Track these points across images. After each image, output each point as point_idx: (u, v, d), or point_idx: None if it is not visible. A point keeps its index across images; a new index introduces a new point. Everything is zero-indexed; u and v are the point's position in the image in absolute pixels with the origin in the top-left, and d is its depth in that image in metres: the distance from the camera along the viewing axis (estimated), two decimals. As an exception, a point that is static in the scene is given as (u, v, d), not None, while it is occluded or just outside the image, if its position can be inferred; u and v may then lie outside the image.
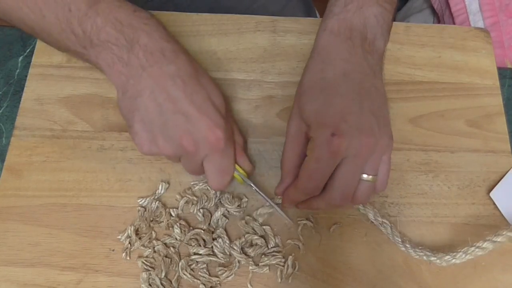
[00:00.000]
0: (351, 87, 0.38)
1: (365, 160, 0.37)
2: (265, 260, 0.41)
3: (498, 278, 0.41)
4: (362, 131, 0.36)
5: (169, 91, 0.36)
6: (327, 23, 0.42)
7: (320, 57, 0.41)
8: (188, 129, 0.36)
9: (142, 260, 0.41)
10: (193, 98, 0.36)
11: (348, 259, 0.41)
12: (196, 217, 0.43)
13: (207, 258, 0.41)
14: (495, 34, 0.64)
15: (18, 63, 0.51)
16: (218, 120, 0.36)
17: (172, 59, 0.36)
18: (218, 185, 0.40)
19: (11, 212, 0.43)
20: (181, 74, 0.36)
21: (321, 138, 0.36)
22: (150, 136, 0.36)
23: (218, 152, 0.37)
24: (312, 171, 0.37)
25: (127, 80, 0.37)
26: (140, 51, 0.36)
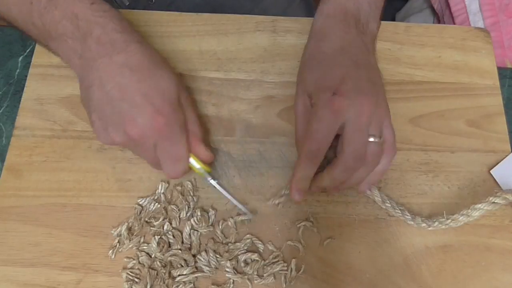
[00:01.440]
0: (347, 58, 0.40)
1: (368, 120, 0.37)
2: (269, 270, 0.40)
3: (498, 278, 0.41)
4: (361, 92, 0.38)
5: (116, 80, 0.36)
6: (323, 8, 0.44)
7: (317, 36, 0.43)
8: (132, 116, 0.36)
9: (127, 272, 0.40)
10: (139, 86, 0.37)
11: (348, 259, 0.41)
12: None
13: (193, 276, 0.40)
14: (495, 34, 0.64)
15: (18, 63, 0.51)
16: (162, 108, 0.37)
17: (122, 49, 0.37)
18: (171, 173, 0.39)
19: (11, 212, 0.43)
20: (129, 64, 0.37)
21: (323, 99, 0.38)
22: (103, 125, 0.37)
23: (165, 140, 0.37)
24: (314, 132, 0.37)
25: (82, 72, 0.38)
26: (93, 43, 0.37)
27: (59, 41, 0.38)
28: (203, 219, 0.42)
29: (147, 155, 0.39)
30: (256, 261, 0.41)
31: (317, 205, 0.43)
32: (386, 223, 0.43)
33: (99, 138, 0.38)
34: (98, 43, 0.37)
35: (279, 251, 0.41)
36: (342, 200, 0.44)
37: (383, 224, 0.43)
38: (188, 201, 0.43)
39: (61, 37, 0.38)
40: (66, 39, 0.38)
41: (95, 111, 0.37)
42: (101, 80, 0.37)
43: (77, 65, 0.38)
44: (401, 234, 0.42)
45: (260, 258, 0.41)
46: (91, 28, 0.37)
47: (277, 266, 0.40)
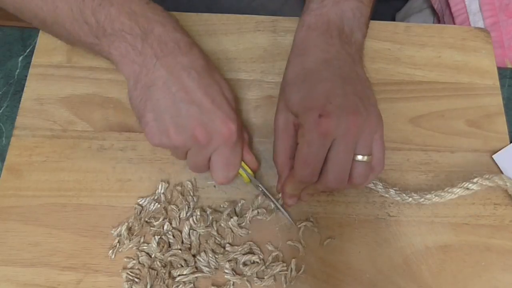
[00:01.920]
0: (332, 73, 0.39)
1: (355, 139, 0.37)
2: (269, 272, 0.40)
3: (498, 278, 0.41)
4: (348, 111, 0.36)
5: (184, 81, 0.36)
6: (304, 19, 0.43)
7: (299, 50, 0.42)
8: (202, 120, 0.36)
9: (127, 272, 0.40)
10: (207, 90, 0.36)
11: (348, 259, 0.41)
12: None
13: (193, 276, 0.40)
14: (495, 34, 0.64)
15: (18, 63, 0.51)
16: (231, 114, 0.37)
17: (186, 51, 0.37)
18: (223, 179, 0.39)
19: (11, 212, 0.43)
20: (195, 66, 0.36)
21: (310, 121, 0.37)
22: (161, 127, 0.36)
23: (228, 146, 0.37)
24: (305, 156, 0.37)
25: (141, 69, 0.37)
26: (155, 41, 0.36)
27: (115, 37, 0.37)
28: (202, 219, 0.42)
29: (199, 159, 0.38)
30: (256, 264, 0.41)
31: (317, 205, 0.43)
32: (386, 223, 0.43)
33: (152, 138, 0.37)
34: (160, 41, 0.36)
35: (278, 251, 0.41)
36: (342, 200, 0.44)
37: (383, 224, 0.43)
38: (188, 201, 0.43)
39: (118, 33, 0.37)
40: (125, 35, 0.36)
41: (153, 111, 0.36)
42: (166, 80, 0.36)
43: (135, 62, 0.37)
44: (401, 234, 0.42)
45: (261, 261, 0.41)
46: (152, 26, 0.36)
47: (277, 267, 0.40)
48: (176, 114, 0.36)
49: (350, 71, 0.40)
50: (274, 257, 0.41)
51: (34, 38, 0.52)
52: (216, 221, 0.42)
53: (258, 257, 0.41)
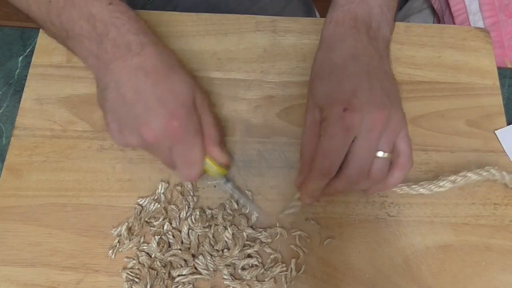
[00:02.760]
0: (359, 68, 0.39)
1: (379, 135, 0.36)
2: (269, 274, 0.40)
3: (498, 278, 0.41)
4: (373, 106, 0.36)
5: (132, 82, 0.37)
6: (332, 15, 0.43)
7: (327, 45, 0.42)
8: (147, 119, 0.36)
9: (127, 272, 0.40)
10: (154, 89, 0.37)
11: (348, 259, 0.41)
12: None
13: (192, 277, 0.40)
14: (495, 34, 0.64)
15: (18, 63, 0.51)
16: (176, 111, 0.37)
17: (137, 52, 0.37)
18: (186, 177, 0.39)
19: (11, 212, 0.43)
20: (145, 66, 0.37)
21: (334, 114, 0.37)
22: (118, 127, 0.37)
23: (180, 144, 0.37)
24: (327, 149, 0.37)
25: (98, 72, 0.38)
26: (109, 45, 0.37)
27: (76, 41, 0.38)
28: (200, 219, 0.42)
29: (162, 158, 0.39)
30: (255, 267, 0.40)
31: (317, 205, 0.43)
32: (386, 223, 0.43)
33: (114, 139, 0.38)
34: (113, 45, 0.37)
35: (277, 253, 0.41)
36: (342, 200, 0.44)
37: (383, 224, 0.43)
38: (188, 201, 0.43)
39: (78, 37, 0.38)
40: (83, 39, 0.38)
41: (110, 113, 0.38)
42: (117, 82, 0.37)
43: (93, 66, 0.38)
44: (401, 234, 0.42)
45: (260, 264, 0.41)
46: (107, 29, 0.37)
47: (276, 269, 0.40)
48: (126, 115, 0.37)
49: (377, 67, 0.40)
50: (273, 259, 0.41)
51: (34, 38, 0.52)
52: (215, 224, 0.42)
53: (257, 260, 0.41)
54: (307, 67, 0.49)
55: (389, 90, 0.39)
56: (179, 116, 0.37)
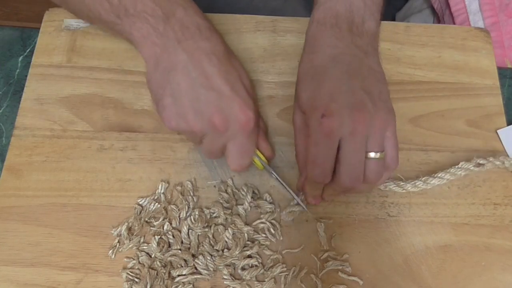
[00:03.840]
0: (339, 69, 0.38)
1: (363, 136, 0.36)
2: (269, 274, 0.40)
3: (498, 278, 0.41)
4: (353, 108, 0.36)
5: (204, 66, 0.36)
6: (314, 14, 0.43)
7: (309, 47, 0.42)
8: (221, 106, 0.36)
9: (127, 272, 0.40)
10: (227, 76, 0.36)
11: (348, 259, 0.41)
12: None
13: (192, 277, 0.40)
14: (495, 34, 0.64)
15: (18, 63, 0.51)
16: (249, 102, 0.37)
17: (208, 36, 0.37)
18: (238, 166, 0.39)
19: (11, 212, 0.43)
20: (216, 52, 0.36)
21: (314, 121, 0.36)
22: (180, 111, 0.36)
23: (245, 134, 0.37)
24: (313, 157, 0.37)
25: (162, 52, 0.37)
26: (177, 24, 0.36)
27: (136, 18, 0.37)
28: (200, 219, 0.42)
29: (215, 145, 0.38)
30: (255, 267, 0.40)
31: (317, 205, 0.43)
32: (386, 223, 0.43)
33: (169, 122, 0.37)
34: (182, 25, 0.36)
35: (278, 254, 0.41)
36: (342, 200, 0.44)
37: (383, 224, 0.43)
38: (188, 201, 0.43)
39: (140, 14, 0.36)
40: (147, 16, 0.36)
41: (172, 95, 0.36)
42: (186, 64, 0.36)
43: (156, 44, 0.37)
44: (401, 234, 0.42)
45: (259, 264, 0.41)
46: (174, 9, 0.36)
47: (276, 269, 0.40)
48: (195, 99, 0.36)
49: (360, 66, 0.39)
50: (273, 260, 0.41)
51: (34, 38, 0.52)
52: (215, 224, 0.42)
53: (256, 260, 0.41)
54: (307, 67, 0.49)
55: (371, 87, 0.38)
56: (251, 107, 0.37)
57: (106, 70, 0.49)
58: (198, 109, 0.36)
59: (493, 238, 0.42)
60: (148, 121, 0.46)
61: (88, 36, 0.50)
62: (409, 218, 0.43)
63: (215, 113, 0.35)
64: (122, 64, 0.49)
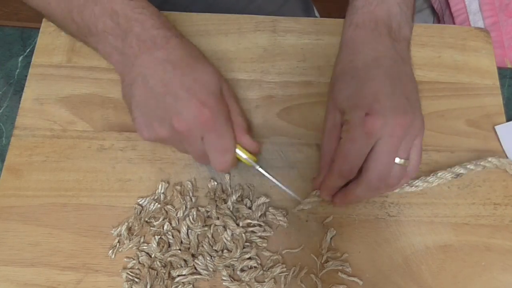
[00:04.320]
0: (382, 72, 0.39)
1: (399, 141, 0.37)
2: (269, 275, 0.40)
3: (498, 278, 0.41)
4: (396, 112, 0.36)
5: (159, 75, 0.37)
6: (351, 18, 0.43)
7: (348, 49, 0.42)
8: (178, 109, 0.36)
9: (127, 272, 0.40)
10: (182, 80, 0.37)
11: (348, 259, 0.41)
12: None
13: (192, 277, 0.40)
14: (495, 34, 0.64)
15: (18, 63, 0.51)
16: (207, 100, 0.37)
17: (162, 45, 0.37)
18: (220, 166, 0.39)
19: (11, 212, 0.43)
20: (171, 59, 0.37)
21: (356, 118, 0.37)
22: (146, 121, 0.37)
23: (212, 132, 0.37)
24: (347, 152, 0.37)
25: (123, 68, 0.38)
26: (134, 40, 0.37)
27: (99, 37, 0.38)
28: (199, 218, 0.42)
29: (193, 149, 0.39)
30: (254, 268, 0.40)
31: (317, 205, 0.43)
32: (386, 223, 0.43)
33: (142, 133, 0.38)
34: (138, 39, 0.37)
35: (277, 255, 0.41)
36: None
37: (383, 224, 0.43)
38: (185, 201, 0.43)
39: (101, 34, 0.38)
40: (107, 36, 0.38)
41: (137, 107, 0.37)
42: (144, 76, 0.37)
43: (118, 61, 0.38)
44: (401, 234, 0.42)
45: (258, 265, 0.41)
46: (131, 25, 0.37)
47: (276, 269, 0.40)
48: (156, 108, 0.37)
49: (399, 71, 0.39)
50: (273, 260, 0.41)
51: (34, 38, 0.52)
52: (215, 225, 0.42)
53: (255, 262, 0.40)
54: (307, 67, 0.49)
55: (410, 94, 0.39)
56: (209, 105, 0.37)
57: (106, 70, 0.49)
58: (160, 116, 0.37)
59: (493, 238, 0.42)
60: (148, 121, 0.46)
61: (88, 36, 0.50)
62: (409, 218, 0.43)
63: (173, 116, 0.36)
64: (122, 64, 0.49)
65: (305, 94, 0.48)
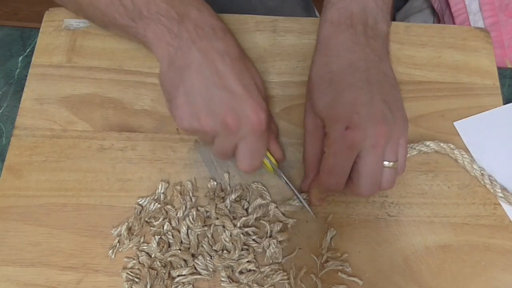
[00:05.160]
0: (358, 77, 0.38)
1: (383, 149, 0.36)
2: (269, 281, 0.40)
3: (498, 278, 0.41)
4: (375, 121, 0.36)
5: (218, 66, 0.36)
6: (326, 14, 0.42)
7: (324, 50, 0.41)
8: (234, 106, 0.35)
9: (127, 272, 0.40)
10: (240, 77, 0.36)
11: (348, 259, 0.41)
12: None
13: (192, 277, 0.40)
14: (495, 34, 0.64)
15: (18, 63, 0.51)
16: (262, 103, 0.37)
17: (221, 36, 0.37)
18: (247, 167, 0.39)
19: (11, 212, 0.43)
20: (230, 52, 0.37)
21: (336, 132, 0.37)
22: (192, 110, 0.36)
23: (257, 135, 0.37)
24: (331, 167, 0.37)
25: (176, 52, 0.37)
26: (191, 25, 0.36)
27: (151, 20, 0.37)
28: (199, 218, 0.42)
29: (226, 145, 0.38)
30: (253, 272, 0.40)
31: (317, 205, 0.43)
32: (386, 223, 0.43)
33: (181, 121, 0.37)
34: (196, 25, 0.36)
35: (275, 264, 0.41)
36: (342, 200, 0.44)
37: (383, 224, 0.43)
38: (185, 201, 0.43)
39: (153, 16, 0.37)
40: (161, 18, 0.37)
41: (185, 94, 0.36)
42: (200, 64, 0.36)
43: (170, 44, 0.37)
44: (401, 234, 0.42)
45: (257, 269, 0.40)
46: (188, 10, 0.37)
47: (277, 276, 0.40)
48: (208, 99, 0.36)
49: (377, 73, 0.39)
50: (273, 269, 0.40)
51: (34, 38, 0.52)
52: (215, 225, 0.42)
53: (254, 265, 0.40)
54: (307, 67, 0.49)
55: (389, 97, 0.38)
56: (264, 108, 0.36)
57: (106, 70, 0.49)
58: (211, 109, 0.36)
59: (493, 238, 0.42)
60: (148, 121, 0.46)
61: (88, 36, 0.50)
62: (409, 218, 0.43)
63: (227, 113, 0.35)
64: (122, 64, 0.49)
65: (305, 94, 0.48)
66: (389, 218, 0.43)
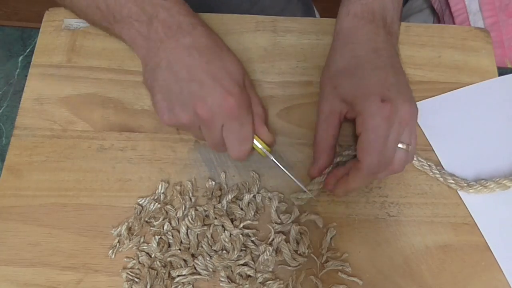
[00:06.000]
0: (384, 62, 0.40)
1: (405, 127, 0.37)
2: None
3: (498, 278, 0.41)
4: (404, 99, 0.37)
5: (185, 60, 0.37)
6: (349, 7, 0.44)
7: (346, 38, 0.43)
8: (202, 96, 0.36)
9: (127, 272, 0.40)
10: (208, 67, 0.37)
11: (348, 259, 0.41)
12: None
13: (191, 277, 0.40)
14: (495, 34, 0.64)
15: (18, 63, 0.51)
16: (232, 88, 0.37)
17: (189, 32, 0.38)
18: (237, 154, 0.39)
19: (11, 212, 0.43)
20: (197, 45, 0.38)
21: (372, 107, 0.37)
22: (168, 105, 0.38)
23: (234, 120, 0.38)
24: (372, 143, 0.37)
25: (147, 53, 0.39)
26: (159, 25, 0.38)
27: (124, 23, 0.39)
28: (198, 218, 0.42)
29: (211, 136, 0.39)
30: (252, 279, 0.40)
31: (317, 205, 0.43)
32: (386, 223, 0.43)
33: (162, 117, 0.38)
34: (164, 25, 0.38)
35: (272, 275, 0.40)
36: (342, 200, 0.44)
37: (383, 224, 0.43)
38: (185, 201, 0.43)
39: (126, 20, 0.39)
40: (132, 21, 0.38)
41: (160, 92, 0.38)
42: (169, 61, 0.37)
43: (142, 47, 0.39)
44: (401, 234, 0.42)
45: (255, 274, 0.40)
46: (157, 11, 0.38)
47: (273, 285, 0.40)
48: (179, 93, 0.37)
49: (396, 62, 0.41)
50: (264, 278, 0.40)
51: (34, 38, 0.52)
52: (214, 224, 0.42)
53: (253, 271, 0.40)
54: (307, 67, 0.49)
55: (408, 84, 0.40)
56: (234, 93, 0.37)
57: (106, 70, 0.49)
58: (183, 102, 0.37)
59: (493, 238, 0.42)
60: (148, 121, 0.46)
61: (88, 36, 0.50)
62: (409, 218, 0.43)
63: (197, 103, 0.36)
64: (122, 64, 0.49)
65: (305, 94, 0.48)
66: (389, 218, 0.43)
